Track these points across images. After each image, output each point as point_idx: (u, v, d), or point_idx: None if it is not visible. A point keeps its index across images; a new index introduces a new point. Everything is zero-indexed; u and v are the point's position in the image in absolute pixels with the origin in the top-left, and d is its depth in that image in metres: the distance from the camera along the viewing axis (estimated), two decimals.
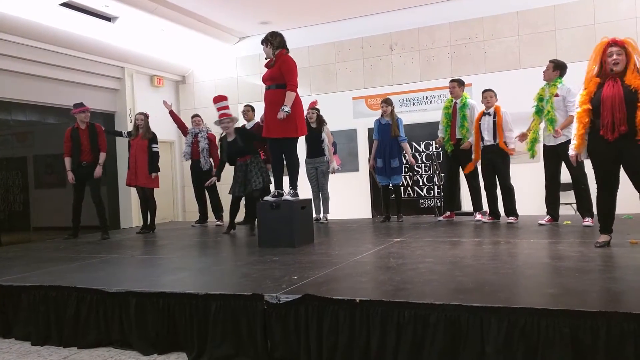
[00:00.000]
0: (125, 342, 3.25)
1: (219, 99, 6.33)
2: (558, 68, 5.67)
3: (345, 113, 9.84)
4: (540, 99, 5.73)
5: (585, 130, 4.00)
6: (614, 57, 3.82)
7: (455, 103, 6.57)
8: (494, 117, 6.15)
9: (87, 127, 6.72)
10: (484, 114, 6.27)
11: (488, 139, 6.19)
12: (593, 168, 4.07)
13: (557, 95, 5.54)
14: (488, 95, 6.25)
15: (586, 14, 8.41)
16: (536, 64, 8.49)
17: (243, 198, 6.59)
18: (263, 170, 6.09)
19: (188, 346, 3.07)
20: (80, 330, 3.36)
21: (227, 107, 6.26)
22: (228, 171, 8.97)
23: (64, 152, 6.79)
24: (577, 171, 5.43)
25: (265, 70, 5.25)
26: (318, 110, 7.22)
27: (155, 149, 7.19)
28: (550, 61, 5.76)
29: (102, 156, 6.80)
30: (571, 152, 4.15)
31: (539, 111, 5.74)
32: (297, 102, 5.11)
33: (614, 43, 3.85)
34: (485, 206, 6.54)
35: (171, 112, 7.76)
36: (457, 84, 6.61)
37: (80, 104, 6.75)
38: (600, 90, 3.88)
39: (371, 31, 9.82)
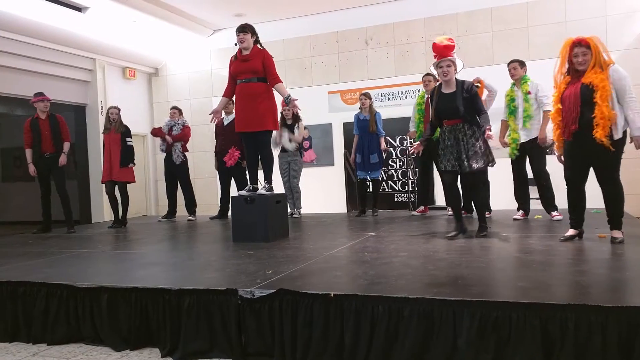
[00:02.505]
0: (97, 338, 3.19)
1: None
2: (524, 65, 5.80)
3: (321, 107, 9.83)
4: (512, 99, 5.79)
5: (560, 129, 4.07)
6: (580, 58, 3.88)
7: (428, 98, 6.62)
8: None
9: (47, 117, 6.56)
10: None
11: None
12: (563, 165, 4.16)
13: (529, 93, 5.64)
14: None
15: (557, 12, 8.55)
16: (509, 60, 8.62)
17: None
18: (479, 143, 4.53)
19: (161, 341, 3.04)
20: (49, 326, 3.29)
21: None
22: (202, 162, 8.93)
23: (25, 143, 6.63)
24: (538, 167, 5.59)
25: (231, 61, 5.16)
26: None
27: (129, 143, 7.10)
28: (514, 61, 5.82)
29: (67, 145, 6.66)
30: (557, 152, 4.24)
31: (513, 111, 5.77)
32: (274, 97, 5.10)
33: (578, 43, 3.90)
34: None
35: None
36: (433, 78, 6.67)
37: (40, 93, 6.59)
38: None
39: (347, 25, 9.81)
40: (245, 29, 5.02)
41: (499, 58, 8.76)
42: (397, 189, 9.52)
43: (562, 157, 4.19)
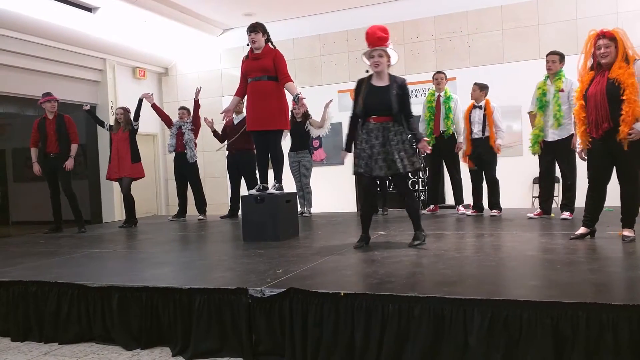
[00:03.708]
0: (108, 337, 3.22)
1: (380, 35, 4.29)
2: (563, 60, 5.50)
3: (331, 106, 9.82)
4: (544, 93, 5.53)
5: (584, 125, 3.97)
6: (602, 50, 3.79)
7: (439, 96, 6.61)
8: (484, 110, 6.20)
9: (54, 117, 6.57)
10: (474, 106, 6.32)
11: (477, 131, 6.25)
12: (587, 163, 4.08)
13: (562, 90, 5.40)
14: (472, 88, 6.32)
15: (568, 9, 8.47)
16: (520, 58, 8.57)
17: None
18: (407, 145, 4.14)
19: (172, 341, 3.06)
20: (61, 326, 3.32)
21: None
22: (212, 162, 8.91)
23: (30, 142, 6.65)
24: (567, 167, 5.49)
25: (243, 61, 5.17)
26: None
27: (135, 127, 7.13)
28: (555, 53, 5.52)
29: (74, 148, 6.61)
30: (578, 148, 4.15)
31: (543, 106, 5.53)
32: (284, 96, 5.09)
33: (602, 35, 3.81)
34: (468, 199, 6.59)
35: (154, 105, 7.64)
36: (445, 76, 6.68)
37: (48, 93, 6.61)
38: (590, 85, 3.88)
39: (356, 24, 9.77)
40: (256, 29, 5.02)
41: (510, 56, 8.72)
42: None
43: (585, 154, 4.09)
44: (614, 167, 3.95)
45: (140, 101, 7.21)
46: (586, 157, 4.11)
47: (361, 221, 4.44)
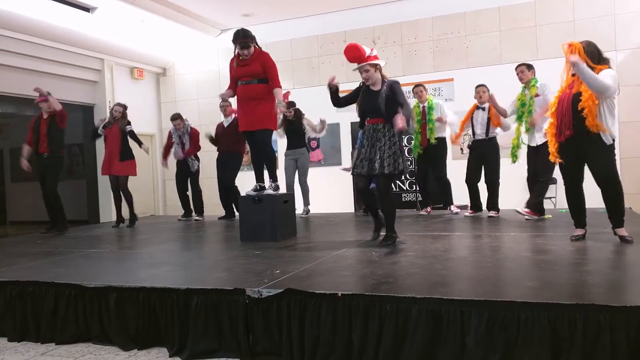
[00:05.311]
0: (105, 338, 3.21)
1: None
2: (532, 68, 5.73)
3: (328, 107, 9.78)
4: (523, 104, 5.69)
5: (555, 130, 4.10)
6: (569, 63, 3.92)
7: (424, 107, 6.68)
8: (488, 112, 6.22)
9: (49, 116, 6.57)
10: (477, 108, 6.34)
11: (480, 133, 6.27)
12: (560, 167, 4.18)
13: (537, 95, 5.56)
14: (481, 90, 6.34)
15: (566, 10, 8.50)
16: (517, 60, 8.53)
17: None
18: (396, 147, 4.29)
19: (169, 341, 3.05)
20: (58, 326, 3.31)
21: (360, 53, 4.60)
22: (212, 162, 8.89)
23: (26, 140, 6.67)
24: (541, 169, 5.54)
25: (231, 66, 5.28)
26: (294, 104, 7.29)
27: (129, 129, 7.04)
28: (522, 64, 5.77)
29: (57, 102, 6.53)
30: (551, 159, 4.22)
31: (520, 117, 5.70)
32: (273, 98, 5.17)
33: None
34: (460, 199, 6.61)
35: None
36: (424, 89, 6.75)
37: (46, 93, 6.61)
38: None
39: (354, 25, 9.79)
40: (248, 45, 5.08)
41: (507, 57, 8.72)
42: (404, 188, 9.50)
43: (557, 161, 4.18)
44: (586, 167, 4.03)
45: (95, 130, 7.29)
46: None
47: (369, 212, 4.83)
